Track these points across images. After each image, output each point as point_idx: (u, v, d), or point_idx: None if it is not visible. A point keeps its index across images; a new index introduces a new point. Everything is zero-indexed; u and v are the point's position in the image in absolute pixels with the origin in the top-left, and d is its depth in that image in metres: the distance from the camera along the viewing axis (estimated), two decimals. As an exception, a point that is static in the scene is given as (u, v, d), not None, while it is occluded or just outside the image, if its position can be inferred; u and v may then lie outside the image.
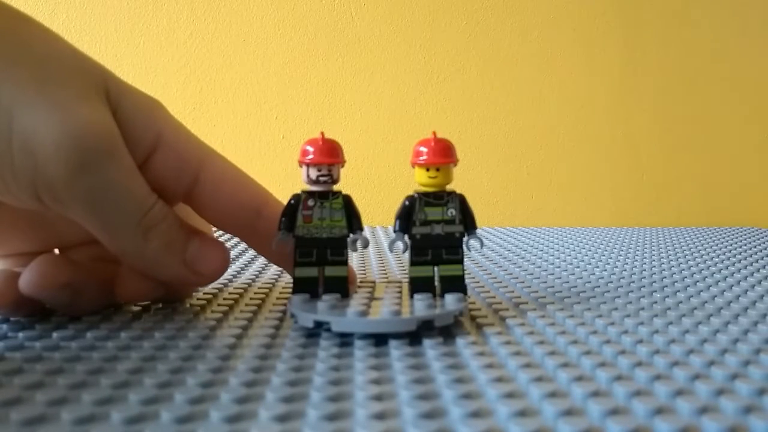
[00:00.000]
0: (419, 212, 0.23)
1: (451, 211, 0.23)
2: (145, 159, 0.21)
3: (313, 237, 0.23)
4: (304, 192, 0.23)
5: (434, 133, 0.23)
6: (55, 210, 0.19)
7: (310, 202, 0.23)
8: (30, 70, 0.18)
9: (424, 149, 0.22)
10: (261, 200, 0.23)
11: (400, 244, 0.23)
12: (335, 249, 0.23)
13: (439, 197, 0.23)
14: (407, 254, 0.23)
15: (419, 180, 0.23)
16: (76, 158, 0.18)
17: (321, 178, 0.22)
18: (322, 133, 0.22)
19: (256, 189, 0.24)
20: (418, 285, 0.23)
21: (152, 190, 0.21)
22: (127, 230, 0.20)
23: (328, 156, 0.22)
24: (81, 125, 0.18)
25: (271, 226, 0.23)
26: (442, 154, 0.22)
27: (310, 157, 0.22)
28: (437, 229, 0.23)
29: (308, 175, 0.22)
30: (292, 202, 0.23)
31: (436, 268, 0.23)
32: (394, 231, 0.23)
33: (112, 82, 0.20)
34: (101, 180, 0.19)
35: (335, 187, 0.23)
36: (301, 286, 0.23)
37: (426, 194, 0.23)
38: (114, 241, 0.20)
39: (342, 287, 0.23)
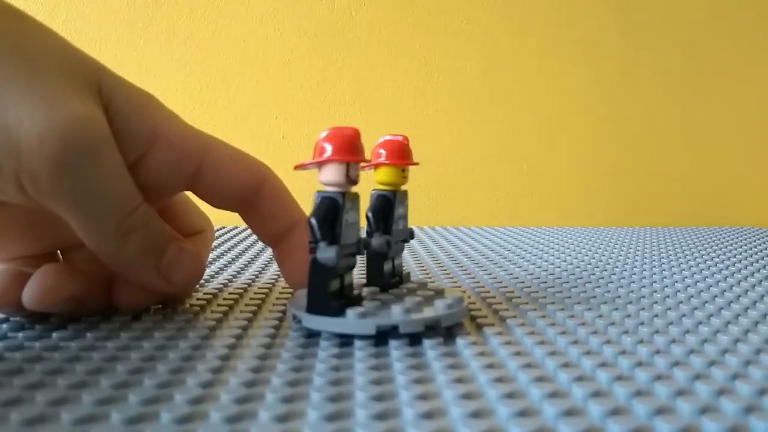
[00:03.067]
0: (398, 209, 0.23)
1: (406, 206, 0.25)
2: (142, 153, 0.21)
3: (349, 243, 0.20)
4: (341, 194, 0.20)
5: (405, 137, 0.23)
6: (40, 204, 0.19)
7: (348, 205, 0.20)
8: (18, 64, 0.18)
9: (384, 151, 0.23)
10: (261, 177, 0.23)
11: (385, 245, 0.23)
12: (353, 254, 0.21)
13: (402, 194, 0.24)
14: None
15: (389, 179, 0.23)
16: (59, 153, 0.17)
17: (356, 178, 0.20)
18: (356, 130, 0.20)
19: (255, 167, 0.23)
20: (387, 279, 0.24)
21: (153, 183, 0.21)
22: (106, 231, 0.20)
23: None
24: (67, 120, 0.18)
25: (269, 202, 0.23)
26: (410, 154, 0.23)
27: (346, 154, 0.20)
28: (401, 224, 0.24)
29: (347, 175, 0.19)
30: (333, 204, 0.19)
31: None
32: (374, 231, 0.23)
33: (105, 77, 0.20)
34: (85, 178, 0.18)
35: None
36: (331, 300, 0.20)
37: (395, 192, 0.23)
38: (92, 240, 0.20)
39: (352, 292, 0.22)
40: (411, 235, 0.25)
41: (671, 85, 0.68)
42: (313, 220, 0.19)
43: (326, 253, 0.19)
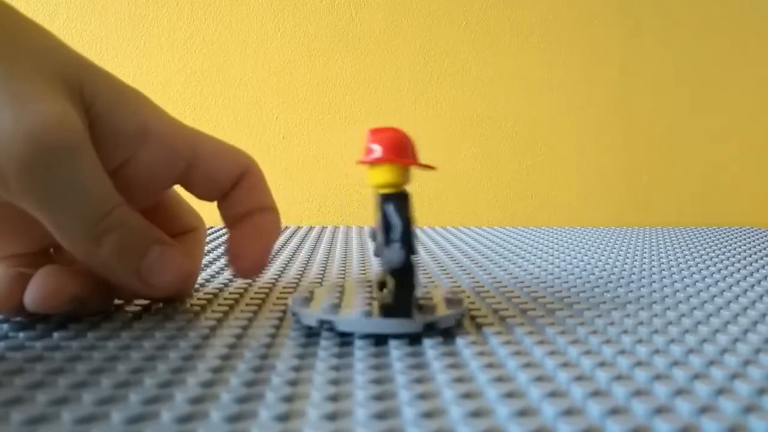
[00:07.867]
0: None
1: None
2: (133, 151, 0.20)
3: None
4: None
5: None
6: (9, 200, 0.18)
7: None
8: None
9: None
10: (245, 167, 0.23)
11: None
12: None
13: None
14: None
15: (398, 180, 0.21)
16: (27, 155, 0.17)
17: None
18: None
19: (241, 157, 0.23)
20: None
21: (144, 180, 0.21)
22: (78, 234, 0.19)
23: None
24: (36, 122, 0.17)
25: (246, 189, 0.23)
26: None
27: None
28: None
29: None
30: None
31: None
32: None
33: (89, 75, 0.20)
34: (54, 180, 0.18)
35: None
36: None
37: None
38: (64, 242, 0.19)
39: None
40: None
41: (671, 86, 0.68)
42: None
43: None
